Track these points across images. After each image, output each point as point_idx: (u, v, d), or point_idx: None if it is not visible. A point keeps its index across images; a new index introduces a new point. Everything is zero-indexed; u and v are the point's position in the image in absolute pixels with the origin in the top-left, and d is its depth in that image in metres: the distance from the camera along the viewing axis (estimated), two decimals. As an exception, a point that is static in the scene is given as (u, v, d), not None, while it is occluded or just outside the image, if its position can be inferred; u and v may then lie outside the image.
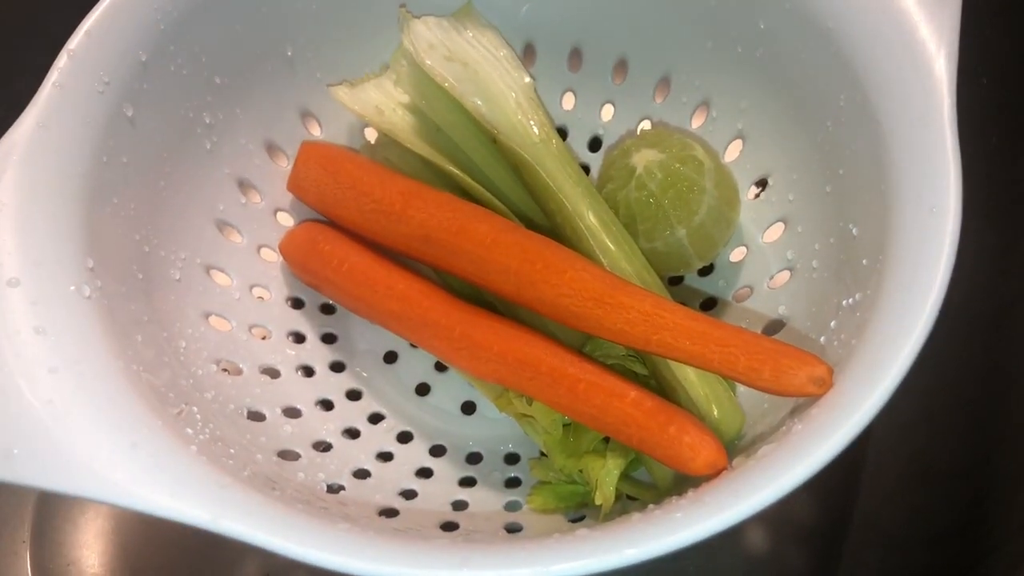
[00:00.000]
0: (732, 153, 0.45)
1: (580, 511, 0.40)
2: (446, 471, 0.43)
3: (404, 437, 0.44)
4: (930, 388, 0.39)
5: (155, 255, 0.39)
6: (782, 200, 0.42)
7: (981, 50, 0.41)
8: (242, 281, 0.44)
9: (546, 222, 0.42)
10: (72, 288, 0.33)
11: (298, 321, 0.46)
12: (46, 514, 0.49)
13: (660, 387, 0.39)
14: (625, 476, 0.38)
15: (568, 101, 0.49)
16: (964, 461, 0.46)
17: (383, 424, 0.44)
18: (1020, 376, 0.44)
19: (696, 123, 0.46)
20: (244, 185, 0.45)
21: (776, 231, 0.43)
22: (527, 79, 0.42)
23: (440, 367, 0.46)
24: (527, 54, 0.48)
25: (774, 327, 0.41)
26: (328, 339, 0.46)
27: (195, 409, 0.36)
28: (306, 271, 0.44)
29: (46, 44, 0.36)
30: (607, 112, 0.49)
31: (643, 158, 0.42)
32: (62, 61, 0.36)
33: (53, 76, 0.36)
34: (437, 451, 0.44)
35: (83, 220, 0.35)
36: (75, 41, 0.36)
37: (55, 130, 0.35)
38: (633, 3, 0.44)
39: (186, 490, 0.29)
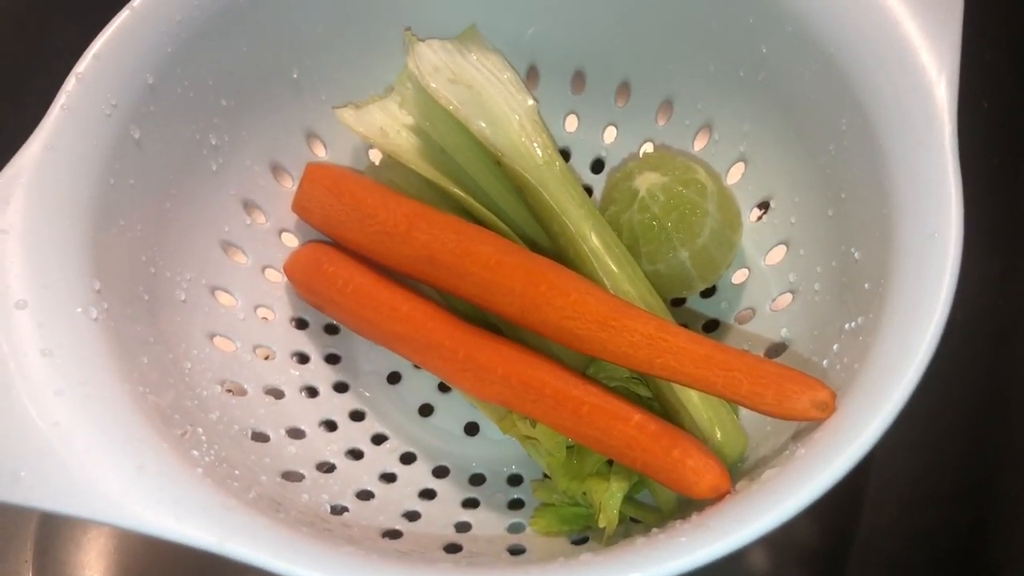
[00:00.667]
0: (734, 176, 0.45)
1: (583, 533, 0.40)
2: (449, 492, 0.43)
3: (407, 458, 0.44)
4: (932, 411, 0.39)
5: (161, 276, 0.40)
6: (784, 223, 0.43)
7: (982, 74, 0.41)
8: (247, 301, 0.44)
9: (550, 244, 0.43)
10: (79, 310, 0.33)
11: (302, 341, 0.46)
12: (49, 534, 0.49)
13: (663, 409, 0.39)
14: (629, 499, 0.38)
15: (571, 123, 0.50)
16: (966, 484, 0.46)
17: (386, 445, 0.44)
18: (1022, 399, 0.44)
19: (698, 146, 0.46)
20: (249, 206, 0.45)
21: (778, 254, 0.43)
22: (530, 102, 0.42)
23: (443, 388, 0.46)
24: (530, 76, 0.49)
25: (776, 350, 0.41)
26: (332, 359, 0.46)
27: (200, 430, 0.36)
28: (310, 292, 0.44)
29: (55, 67, 0.37)
30: (610, 134, 0.49)
31: (646, 180, 0.42)
32: (70, 84, 0.36)
33: (61, 99, 0.36)
34: (440, 472, 0.44)
35: (90, 242, 0.35)
36: (83, 64, 0.37)
37: (63, 153, 0.35)
38: (635, 27, 0.45)
39: (192, 513, 0.29)
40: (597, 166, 0.50)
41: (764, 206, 0.44)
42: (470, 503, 0.43)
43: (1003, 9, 0.47)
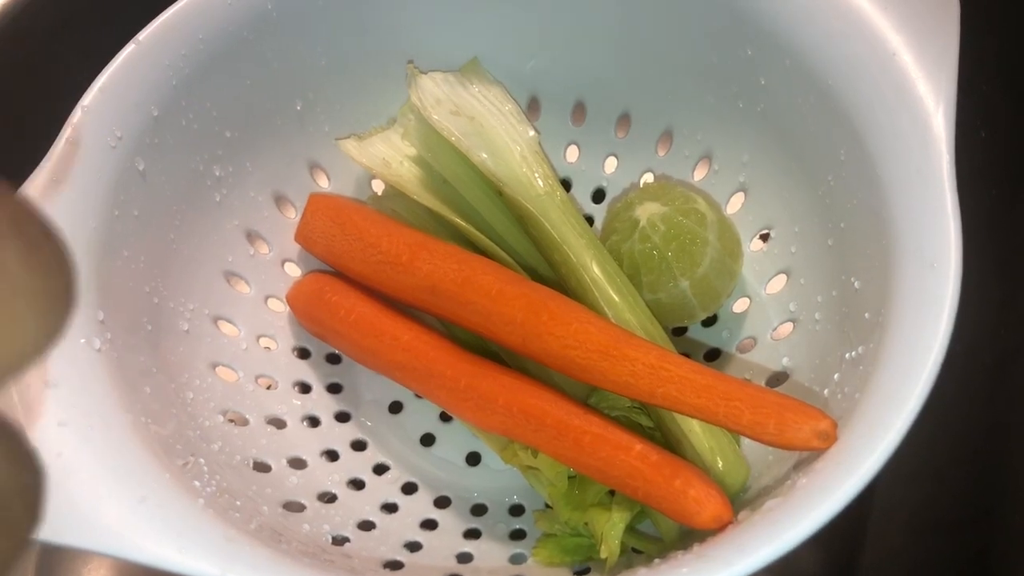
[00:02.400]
0: (734, 205, 0.45)
1: (585, 564, 0.40)
2: (451, 523, 0.43)
3: (409, 488, 0.44)
4: (933, 439, 0.39)
5: (164, 306, 0.40)
6: (784, 252, 0.43)
7: (978, 105, 0.42)
8: (249, 331, 0.44)
9: (551, 274, 0.43)
10: (83, 341, 0.34)
11: (304, 371, 0.46)
12: (48, 566, 0.48)
13: (665, 439, 0.39)
14: (630, 529, 0.38)
15: (572, 154, 0.50)
16: (969, 512, 0.45)
17: (388, 475, 0.44)
18: (1023, 426, 0.44)
19: (698, 176, 0.47)
20: (252, 236, 0.45)
21: (779, 283, 0.43)
22: (532, 133, 0.43)
23: (445, 418, 0.46)
24: (531, 108, 0.49)
25: (777, 379, 0.41)
26: (334, 389, 0.46)
27: (202, 461, 0.36)
28: (313, 321, 0.44)
29: (60, 100, 0.37)
30: (610, 165, 0.50)
31: (646, 211, 0.42)
32: (76, 116, 0.37)
33: (67, 131, 0.36)
34: (442, 502, 0.44)
35: (94, 273, 0.35)
36: (89, 97, 0.37)
37: (68, 185, 0.35)
38: (635, 60, 0.45)
39: (194, 544, 0.29)
40: (598, 196, 0.50)
41: (764, 236, 0.44)
42: (472, 533, 0.42)
43: (999, 39, 0.47)
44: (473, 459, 0.45)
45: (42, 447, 0.30)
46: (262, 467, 0.40)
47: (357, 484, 0.43)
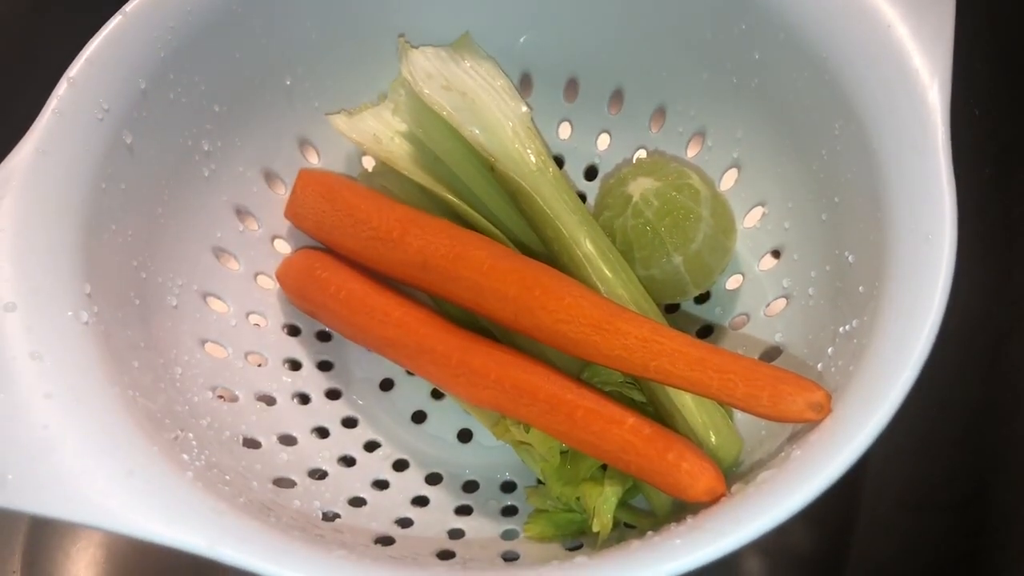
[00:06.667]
0: (728, 181, 0.45)
1: (577, 539, 0.40)
2: (442, 499, 0.43)
3: (400, 465, 0.44)
4: (927, 416, 0.39)
5: (152, 281, 0.39)
6: (778, 228, 0.43)
7: (972, 82, 0.41)
8: (239, 308, 0.44)
9: (543, 249, 0.42)
10: (69, 314, 0.33)
11: (294, 348, 0.46)
12: (37, 544, 0.48)
13: (658, 414, 0.39)
14: (623, 503, 0.38)
15: (564, 130, 0.50)
16: (962, 489, 0.45)
17: (379, 452, 0.44)
18: (1017, 404, 0.44)
19: (692, 152, 0.46)
20: (242, 212, 0.45)
21: (772, 259, 0.43)
22: (524, 108, 0.42)
23: (436, 395, 0.46)
24: (524, 84, 0.49)
25: (771, 354, 0.41)
26: (324, 367, 0.46)
27: (191, 435, 0.35)
28: (303, 298, 0.44)
29: (46, 71, 0.37)
30: (603, 141, 0.49)
31: (639, 186, 0.42)
32: (62, 88, 0.36)
33: (53, 103, 0.36)
34: (433, 479, 0.44)
35: (81, 246, 0.35)
36: (75, 68, 0.36)
37: (54, 156, 0.35)
38: (629, 35, 0.45)
39: (182, 517, 0.29)
40: (591, 173, 0.50)
41: (758, 212, 0.44)
42: (463, 510, 0.42)
43: (993, 17, 0.47)
44: (464, 436, 0.45)
45: (28, 419, 0.30)
46: (252, 443, 0.40)
47: (348, 461, 0.43)
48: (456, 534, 0.40)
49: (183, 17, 0.39)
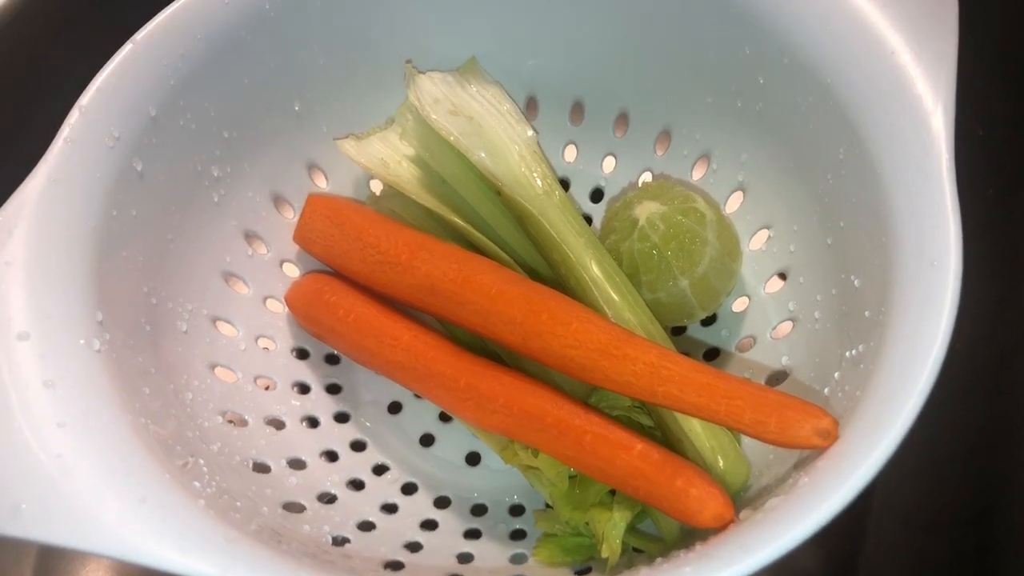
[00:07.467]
0: (733, 204, 0.45)
1: (587, 564, 0.40)
2: (451, 523, 0.43)
3: (409, 488, 0.44)
4: (934, 437, 0.39)
5: (163, 307, 0.40)
6: (783, 251, 0.43)
7: (976, 103, 0.42)
8: (248, 332, 0.44)
9: (551, 273, 0.43)
10: (81, 341, 0.33)
11: (303, 372, 0.46)
12: (46, 569, 0.48)
13: (666, 439, 0.39)
14: (632, 529, 0.38)
15: (570, 153, 0.50)
16: (969, 509, 0.45)
17: (388, 475, 0.44)
18: (1022, 424, 0.44)
19: (697, 175, 0.47)
20: (251, 237, 0.45)
21: (778, 282, 0.43)
22: (530, 132, 0.43)
23: (445, 418, 0.46)
24: (530, 108, 0.49)
25: (777, 377, 0.41)
26: (333, 390, 0.46)
27: (201, 461, 0.36)
28: (311, 322, 0.44)
29: (58, 100, 0.37)
30: (609, 164, 0.50)
31: (645, 210, 0.42)
32: (74, 117, 0.36)
33: (65, 131, 0.36)
34: (442, 503, 0.44)
35: (93, 273, 0.35)
36: (87, 97, 0.37)
37: (66, 185, 0.35)
38: (634, 59, 0.45)
39: (194, 545, 0.29)
40: (596, 195, 0.50)
41: (763, 234, 0.44)
42: (472, 534, 0.42)
43: (996, 38, 0.47)
44: (473, 459, 0.45)
45: (42, 448, 0.30)
46: (262, 468, 0.40)
47: (357, 485, 0.43)
48: (465, 558, 0.41)
49: (193, 44, 0.39)
